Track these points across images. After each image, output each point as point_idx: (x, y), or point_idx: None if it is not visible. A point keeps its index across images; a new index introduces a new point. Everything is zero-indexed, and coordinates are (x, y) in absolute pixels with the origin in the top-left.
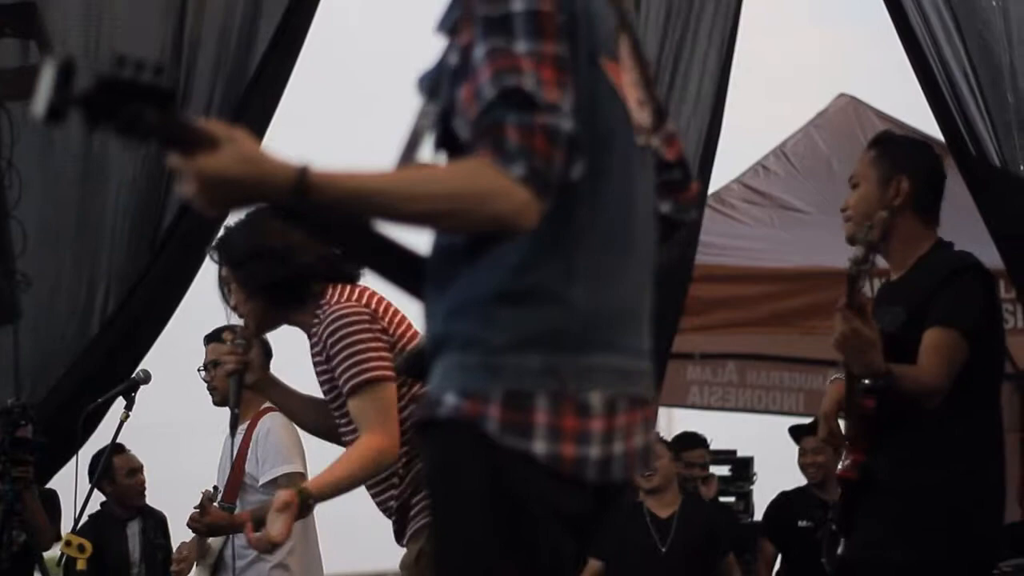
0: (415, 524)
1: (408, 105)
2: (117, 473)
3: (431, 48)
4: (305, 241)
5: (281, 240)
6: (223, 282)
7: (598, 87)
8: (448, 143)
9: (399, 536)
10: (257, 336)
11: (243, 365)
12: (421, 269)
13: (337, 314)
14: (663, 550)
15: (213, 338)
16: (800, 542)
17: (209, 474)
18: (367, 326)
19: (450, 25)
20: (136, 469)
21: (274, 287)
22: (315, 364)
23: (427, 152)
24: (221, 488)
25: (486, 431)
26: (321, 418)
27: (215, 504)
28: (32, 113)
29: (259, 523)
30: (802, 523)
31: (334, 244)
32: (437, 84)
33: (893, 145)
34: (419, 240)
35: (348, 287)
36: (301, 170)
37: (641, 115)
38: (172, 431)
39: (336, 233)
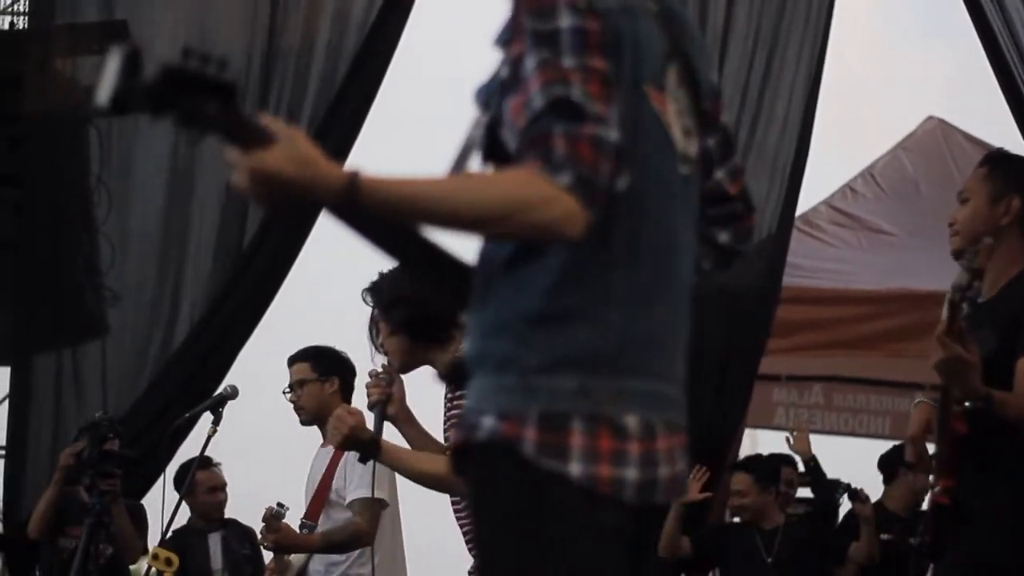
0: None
1: None
2: (198, 488)
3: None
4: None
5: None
6: (372, 322)
7: (639, 113)
8: (495, 154)
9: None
10: (400, 373)
11: (386, 397)
12: (468, 279)
13: None
14: (769, 560)
15: (297, 359)
16: (883, 555)
17: (290, 489)
18: None
19: (505, 39)
20: (217, 487)
21: (416, 327)
22: (445, 407)
23: (477, 163)
24: (306, 504)
25: (523, 453)
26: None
27: (287, 521)
28: (96, 101)
29: (329, 545)
30: (883, 536)
31: (384, 252)
32: (490, 96)
33: (1006, 163)
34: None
35: None
36: (352, 174)
37: (687, 145)
38: (257, 447)
39: (388, 242)
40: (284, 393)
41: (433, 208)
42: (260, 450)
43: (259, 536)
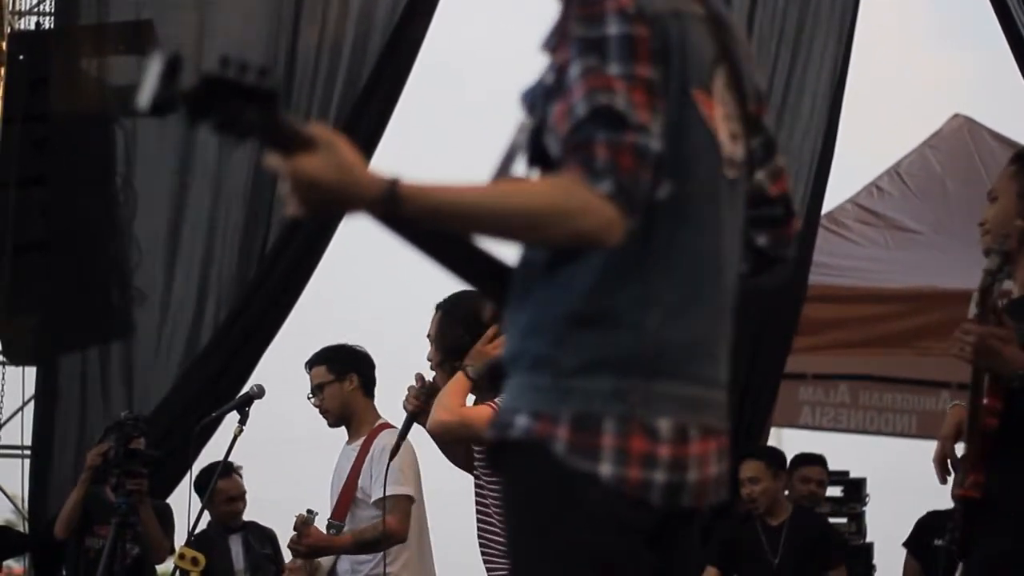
0: None
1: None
2: (217, 497)
3: (538, 61)
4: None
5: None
6: (429, 337)
7: (687, 117)
8: (541, 159)
9: None
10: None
11: (419, 411)
12: (509, 281)
13: None
14: (775, 561)
15: (313, 363)
16: (934, 561)
17: (316, 489)
18: None
19: (552, 44)
20: (235, 497)
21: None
22: None
23: (521, 167)
24: (331, 501)
25: (554, 452)
26: (468, 460)
27: (315, 524)
28: (137, 104)
29: (360, 545)
30: (938, 542)
31: (422, 252)
32: (535, 101)
33: None
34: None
35: None
36: (392, 182)
37: (733, 149)
38: (281, 447)
39: (425, 243)
40: (308, 399)
41: (472, 216)
42: (284, 450)
43: (290, 543)
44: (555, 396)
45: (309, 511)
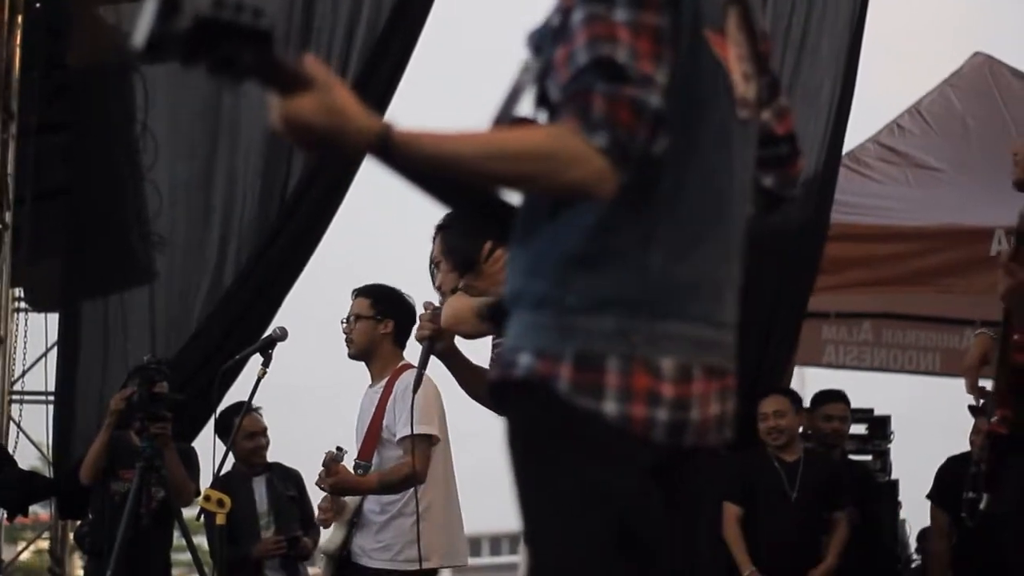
0: None
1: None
2: (238, 434)
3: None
4: None
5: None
6: (432, 262)
7: (699, 58)
8: (547, 101)
9: None
10: None
11: (434, 334)
12: (511, 218)
13: None
14: (793, 495)
15: (360, 293)
16: (967, 513)
17: (340, 430)
18: None
19: None
20: (256, 432)
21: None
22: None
23: (526, 107)
24: (357, 445)
25: (557, 391)
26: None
27: (344, 463)
28: (131, 44)
29: (385, 487)
30: (969, 494)
31: (426, 192)
32: (542, 42)
33: None
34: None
35: None
36: (384, 127)
37: (746, 89)
38: (302, 390)
39: (429, 183)
40: (341, 323)
41: (464, 165)
42: (305, 393)
43: (318, 480)
44: (558, 335)
45: (338, 448)
